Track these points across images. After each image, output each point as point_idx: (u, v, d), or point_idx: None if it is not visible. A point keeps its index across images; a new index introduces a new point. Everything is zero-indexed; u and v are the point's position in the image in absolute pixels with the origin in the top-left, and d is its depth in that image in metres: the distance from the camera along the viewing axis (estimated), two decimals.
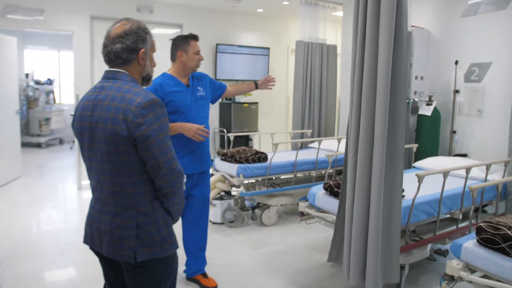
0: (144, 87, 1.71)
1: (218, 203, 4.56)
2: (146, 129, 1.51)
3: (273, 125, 7.37)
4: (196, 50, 2.99)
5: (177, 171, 1.60)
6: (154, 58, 1.75)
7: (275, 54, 7.35)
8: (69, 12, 5.64)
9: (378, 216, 2.51)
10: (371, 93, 2.48)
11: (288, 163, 4.60)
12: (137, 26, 1.65)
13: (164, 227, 1.64)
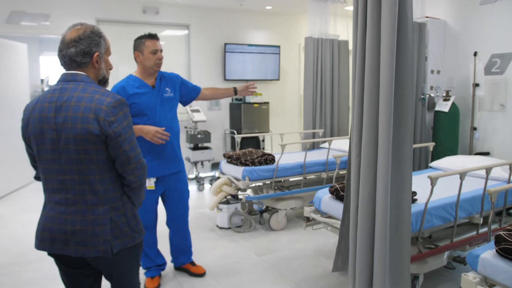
0: None
1: (224, 208, 4.39)
2: (117, 127, 1.62)
3: (285, 126, 7.16)
4: (152, 49, 2.90)
5: (144, 165, 1.75)
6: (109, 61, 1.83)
7: (286, 52, 7.15)
8: (74, 16, 5.56)
9: (385, 223, 2.29)
10: (373, 90, 2.26)
11: (297, 165, 4.40)
12: (91, 31, 1.72)
13: (132, 218, 1.78)
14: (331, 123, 5.62)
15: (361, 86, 2.35)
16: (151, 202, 3.03)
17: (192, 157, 6.10)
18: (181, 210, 3.21)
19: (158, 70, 2.95)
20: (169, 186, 3.09)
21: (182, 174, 3.18)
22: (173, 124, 3.03)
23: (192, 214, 4.95)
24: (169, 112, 3.00)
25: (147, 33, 2.94)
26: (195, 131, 6.14)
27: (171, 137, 2.98)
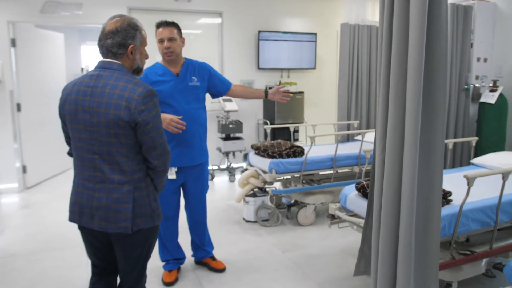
0: None
1: (251, 200, 4.27)
2: (147, 115, 1.75)
3: (321, 116, 6.91)
4: (158, 38, 2.82)
5: (168, 151, 1.88)
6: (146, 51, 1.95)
7: (323, 40, 6.87)
8: (107, 5, 5.58)
9: (410, 226, 2.07)
10: (400, 79, 2.04)
11: (327, 158, 4.20)
12: (128, 23, 1.84)
13: (154, 201, 1.90)
14: (367, 114, 5.34)
15: (387, 74, 2.13)
16: (171, 192, 2.96)
17: (224, 147, 6.01)
18: (199, 204, 3.11)
19: (170, 59, 2.84)
20: (190, 178, 3.00)
21: (204, 167, 3.09)
22: (199, 114, 2.93)
23: (220, 205, 4.87)
24: (194, 101, 2.90)
25: (159, 20, 2.84)
26: (226, 121, 6.04)
27: (197, 127, 2.89)
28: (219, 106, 6.19)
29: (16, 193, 5.40)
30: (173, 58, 2.84)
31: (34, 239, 3.88)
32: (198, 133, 2.93)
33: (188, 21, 6.21)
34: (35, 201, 5.09)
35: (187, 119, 2.78)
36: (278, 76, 6.72)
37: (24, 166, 5.56)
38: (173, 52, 2.81)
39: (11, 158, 5.41)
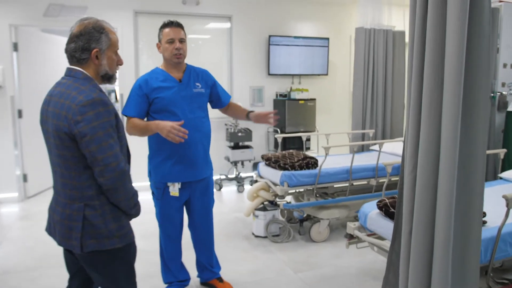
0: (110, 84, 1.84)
1: (261, 215, 4.02)
2: (83, 127, 1.58)
3: (334, 124, 6.66)
4: (168, 38, 2.57)
5: (117, 170, 1.64)
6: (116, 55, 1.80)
7: (335, 45, 6.63)
8: (112, 8, 5.40)
9: (446, 254, 1.81)
10: (435, 90, 1.79)
11: (343, 170, 3.94)
12: (92, 26, 1.71)
13: (112, 221, 1.70)
14: (383, 123, 5.08)
15: (419, 84, 1.88)
16: (174, 210, 2.73)
17: (232, 157, 5.77)
18: (206, 221, 2.87)
19: (178, 61, 2.61)
20: (194, 194, 2.76)
21: (210, 181, 2.85)
22: (203, 124, 2.70)
23: (228, 218, 4.63)
24: (199, 109, 2.66)
25: (167, 20, 2.62)
26: (235, 129, 5.81)
27: (201, 138, 2.67)
28: None
29: (16, 203, 5.19)
30: (181, 61, 2.63)
31: (31, 254, 3.66)
32: (203, 144, 2.70)
33: (197, 26, 6.01)
34: (35, 212, 4.88)
35: (192, 128, 2.56)
36: (289, 82, 6.49)
37: (24, 175, 5.37)
38: (182, 55, 2.60)
39: (11, 166, 5.22)
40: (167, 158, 2.61)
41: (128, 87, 5.61)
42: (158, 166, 2.64)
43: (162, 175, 2.64)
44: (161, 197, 2.68)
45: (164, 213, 2.72)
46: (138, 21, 5.55)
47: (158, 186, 2.67)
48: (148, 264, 3.33)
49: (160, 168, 2.63)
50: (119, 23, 5.41)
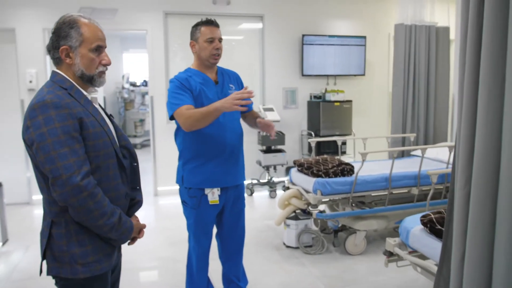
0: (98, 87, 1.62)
1: (292, 224, 3.79)
2: (32, 133, 1.41)
3: (371, 127, 6.33)
4: (208, 37, 2.39)
5: (68, 184, 1.38)
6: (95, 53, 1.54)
7: (373, 44, 6.30)
8: (142, 10, 5.32)
9: (507, 284, 1.53)
10: (494, 86, 1.51)
11: (381, 178, 3.65)
12: (63, 21, 1.53)
13: (76, 245, 1.48)
14: (425, 126, 4.74)
15: (473, 86, 1.60)
16: (211, 220, 2.54)
17: (264, 161, 5.57)
18: (238, 232, 2.67)
19: (215, 62, 2.45)
20: (229, 201, 2.56)
21: (243, 187, 2.67)
22: (239, 126, 2.54)
23: (259, 226, 4.43)
24: (234, 111, 2.45)
25: (204, 18, 2.44)
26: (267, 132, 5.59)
27: (238, 141, 2.51)
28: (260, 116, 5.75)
29: None
30: (217, 62, 2.47)
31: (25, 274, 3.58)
32: (241, 146, 2.56)
33: (228, 27, 5.85)
34: None
35: (232, 131, 2.43)
36: (324, 83, 6.21)
37: None
38: (219, 56, 2.44)
39: None
40: (207, 162, 2.42)
41: (158, 89, 5.57)
42: (195, 170, 2.44)
43: (201, 180, 2.44)
44: (197, 206, 2.47)
45: (200, 225, 2.52)
46: (168, 22, 5.45)
47: (194, 194, 2.46)
48: (175, 274, 3.18)
49: (198, 172, 2.43)
50: (149, 25, 5.33)
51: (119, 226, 1.52)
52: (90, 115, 1.51)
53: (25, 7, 4.98)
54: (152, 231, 4.29)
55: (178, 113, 2.26)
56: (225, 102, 2.13)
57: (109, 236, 1.52)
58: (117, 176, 1.58)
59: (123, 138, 1.71)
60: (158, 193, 5.67)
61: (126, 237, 1.58)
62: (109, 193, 1.54)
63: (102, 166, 1.52)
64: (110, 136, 1.57)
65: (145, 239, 4.07)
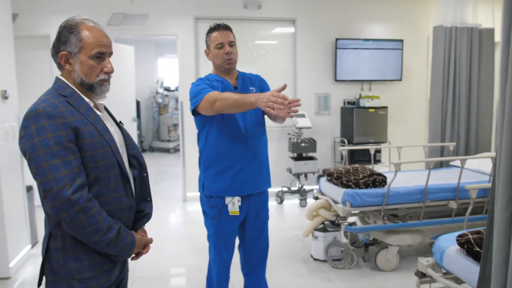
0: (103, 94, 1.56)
1: (320, 236, 3.63)
2: (24, 143, 1.36)
3: (407, 135, 6.04)
4: (217, 42, 2.30)
5: (59, 198, 1.31)
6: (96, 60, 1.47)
7: (410, 47, 6.02)
8: (172, 15, 5.33)
9: None
10: None
11: (416, 190, 3.42)
12: (64, 25, 1.47)
13: (73, 259, 1.42)
14: (466, 135, 4.44)
15: None
16: (232, 231, 2.42)
17: (294, 168, 5.41)
18: (261, 245, 2.52)
19: (229, 67, 2.34)
20: (252, 210, 2.43)
21: (267, 195, 2.53)
22: (261, 132, 2.43)
23: (287, 236, 4.28)
24: (254, 115, 2.36)
25: (214, 24, 2.36)
26: (298, 139, 5.45)
27: (263, 146, 2.42)
28: (291, 122, 5.62)
29: None
30: (233, 67, 2.36)
31: None
32: (264, 152, 2.44)
33: (261, 31, 5.76)
34: None
35: (254, 136, 2.34)
36: (358, 88, 5.99)
37: None
38: (233, 60, 2.33)
39: None
40: (227, 168, 2.32)
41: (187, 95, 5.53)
42: (215, 178, 2.35)
43: (221, 188, 2.34)
44: (218, 217, 2.37)
45: (220, 236, 2.41)
46: (199, 27, 5.42)
47: (214, 204, 2.36)
48: (197, 283, 3.10)
49: (218, 180, 2.34)
50: (180, 30, 5.32)
51: (118, 242, 1.43)
52: (88, 124, 1.43)
53: (59, 14, 5.08)
54: (178, 237, 4.24)
55: (207, 97, 2.12)
56: (260, 99, 1.95)
57: (106, 252, 1.43)
58: (119, 188, 1.49)
59: (132, 147, 1.63)
60: (187, 199, 5.63)
61: (127, 253, 1.49)
62: (110, 206, 1.46)
63: (102, 178, 1.44)
64: (112, 145, 1.48)
65: (171, 245, 4.06)
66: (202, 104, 2.15)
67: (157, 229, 4.59)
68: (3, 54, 3.45)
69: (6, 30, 3.54)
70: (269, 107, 1.90)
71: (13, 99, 3.57)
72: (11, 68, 3.59)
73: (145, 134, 9.80)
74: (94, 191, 1.41)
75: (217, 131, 2.30)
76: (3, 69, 3.44)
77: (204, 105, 2.14)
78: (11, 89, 3.51)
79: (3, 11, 3.51)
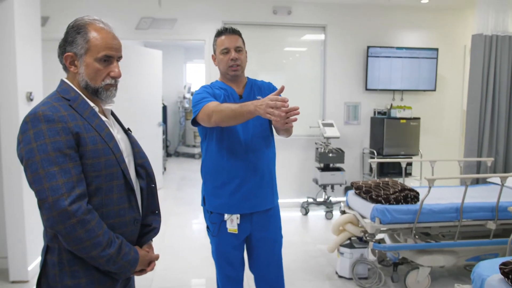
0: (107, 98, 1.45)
1: (347, 252, 3.45)
2: (21, 149, 1.27)
3: (441, 148, 5.78)
4: (222, 47, 2.17)
5: (55, 208, 1.21)
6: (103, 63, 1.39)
7: (446, 57, 5.77)
8: (201, 20, 5.28)
9: None
10: None
11: (451, 208, 3.21)
12: (72, 25, 1.40)
13: (69, 276, 1.31)
14: (505, 150, 4.18)
15: None
16: (232, 248, 2.26)
17: (321, 179, 5.24)
18: (272, 261, 2.35)
19: (234, 74, 2.19)
20: (257, 228, 2.27)
21: (274, 213, 2.34)
22: (266, 145, 2.24)
23: (311, 250, 4.11)
24: (260, 127, 2.21)
25: (221, 27, 2.24)
26: (326, 149, 5.28)
27: (266, 160, 2.23)
28: (318, 131, 5.46)
29: None
30: (238, 74, 2.21)
31: None
32: (268, 167, 2.25)
33: (291, 37, 5.65)
34: None
35: (253, 150, 2.16)
36: (389, 98, 5.78)
37: None
38: (240, 66, 2.18)
39: None
40: (226, 184, 2.19)
41: None
42: (214, 192, 2.23)
43: (219, 204, 2.22)
44: (216, 233, 2.25)
45: (220, 252, 2.28)
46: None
47: (214, 220, 2.24)
48: None
49: (216, 195, 2.22)
50: (207, 35, 5.26)
51: (118, 258, 1.32)
52: (91, 129, 1.33)
53: None
54: (199, 246, 4.14)
55: (205, 108, 2.00)
56: (259, 106, 1.80)
57: (106, 268, 1.33)
58: (123, 199, 1.38)
59: (140, 156, 1.53)
60: None
61: (128, 270, 1.37)
62: (112, 219, 1.35)
63: (104, 188, 1.33)
64: (116, 153, 1.37)
65: (192, 254, 3.95)
66: (200, 115, 2.03)
67: (178, 236, 4.50)
68: (30, 56, 3.45)
69: (35, 33, 3.55)
70: (269, 113, 1.75)
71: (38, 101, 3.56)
72: (37, 71, 3.59)
73: (171, 139, 9.81)
74: (95, 202, 1.31)
75: (216, 143, 2.16)
76: (30, 72, 3.44)
77: (202, 117, 2.02)
78: (37, 92, 3.50)
79: (33, 14, 3.53)
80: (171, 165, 8.69)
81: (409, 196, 3.24)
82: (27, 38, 3.38)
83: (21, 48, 3.27)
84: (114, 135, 1.43)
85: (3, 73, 3.21)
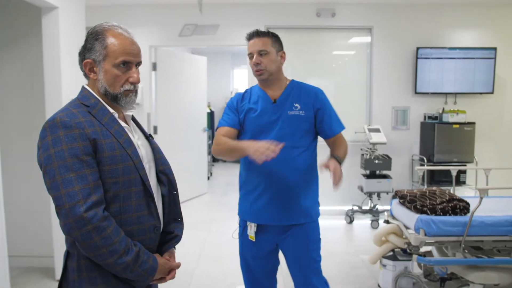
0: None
1: (389, 264, 3.27)
2: (40, 155, 1.28)
3: (498, 156, 5.37)
4: (248, 52, 2.16)
5: (71, 215, 1.21)
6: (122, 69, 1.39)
7: (505, 56, 5.36)
8: (243, 25, 5.26)
9: None
10: None
11: (506, 221, 2.92)
12: (90, 32, 1.42)
13: (87, 282, 1.31)
14: None
15: None
16: (251, 254, 2.23)
17: (366, 187, 5.04)
18: (304, 278, 2.22)
19: (261, 79, 2.16)
20: (283, 242, 2.19)
21: (306, 231, 2.18)
22: (294, 156, 2.12)
23: (353, 261, 3.94)
24: (291, 136, 2.10)
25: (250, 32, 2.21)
26: (372, 155, 5.07)
27: (295, 175, 2.12)
28: (364, 137, 5.26)
29: None
30: (264, 78, 2.14)
31: None
32: (297, 182, 2.12)
33: (337, 40, 5.51)
34: None
35: (280, 161, 2.02)
36: (441, 102, 5.46)
37: None
38: (264, 70, 2.11)
39: None
40: (250, 192, 2.19)
41: None
42: (242, 197, 2.28)
43: (243, 210, 2.26)
44: (240, 235, 2.28)
45: (242, 255, 2.31)
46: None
47: (240, 223, 2.29)
48: None
49: (242, 201, 2.27)
50: None
51: (136, 266, 1.30)
52: (109, 135, 1.33)
53: (134, 26, 5.24)
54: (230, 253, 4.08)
55: (216, 133, 2.19)
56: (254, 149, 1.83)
57: (124, 276, 1.31)
58: (142, 207, 1.36)
59: (161, 162, 1.51)
60: None
61: (146, 278, 1.35)
62: (131, 226, 1.34)
63: (122, 195, 1.32)
64: (135, 160, 1.36)
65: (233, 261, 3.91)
66: None
67: (220, 242, 4.48)
68: (74, 65, 3.56)
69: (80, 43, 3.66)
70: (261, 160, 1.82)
71: None
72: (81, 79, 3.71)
73: None
74: (113, 209, 1.30)
75: None
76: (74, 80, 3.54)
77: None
78: None
79: (78, 24, 3.65)
80: (217, 171, 8.75)
81: (458, 207, 3.00)
82: (72, 48, 3.51)
83: (66, 58, 3.39)
84: (134, 141, 1.41)
85: (48, 81, 3.34)
